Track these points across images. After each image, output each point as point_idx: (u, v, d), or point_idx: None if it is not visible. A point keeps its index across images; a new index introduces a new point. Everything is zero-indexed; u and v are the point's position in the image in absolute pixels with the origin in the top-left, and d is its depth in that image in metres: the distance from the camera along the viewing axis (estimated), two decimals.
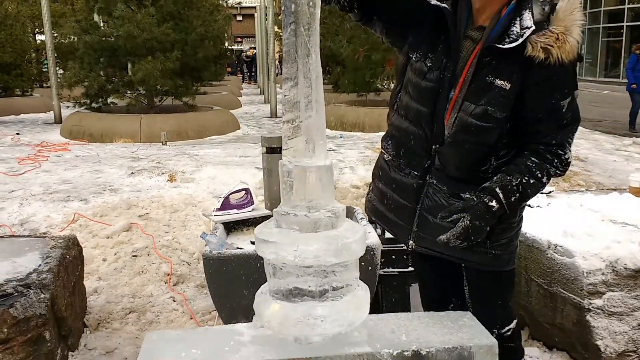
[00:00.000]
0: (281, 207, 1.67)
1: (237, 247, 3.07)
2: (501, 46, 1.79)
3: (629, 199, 3.29)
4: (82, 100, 10.38)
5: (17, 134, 9.97)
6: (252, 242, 3.13)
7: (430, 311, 2.09)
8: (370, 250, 2.84)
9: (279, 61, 22.03)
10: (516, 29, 1.79)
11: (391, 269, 3.18)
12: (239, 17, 36.87)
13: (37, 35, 17.89)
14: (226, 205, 3.38)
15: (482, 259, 1.99)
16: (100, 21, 10.76)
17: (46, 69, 15.22)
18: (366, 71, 10.81)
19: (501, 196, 1.84)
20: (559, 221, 2.90)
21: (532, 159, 1.87)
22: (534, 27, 1.76)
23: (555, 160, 1.86)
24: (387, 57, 9.86)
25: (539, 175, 1.86)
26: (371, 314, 1.83)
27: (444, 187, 1.97)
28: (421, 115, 1.95)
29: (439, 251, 2.03)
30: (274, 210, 1.68)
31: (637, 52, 10.69)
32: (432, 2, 1.88)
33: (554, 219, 2.95)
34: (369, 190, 2.29)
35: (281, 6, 1.54)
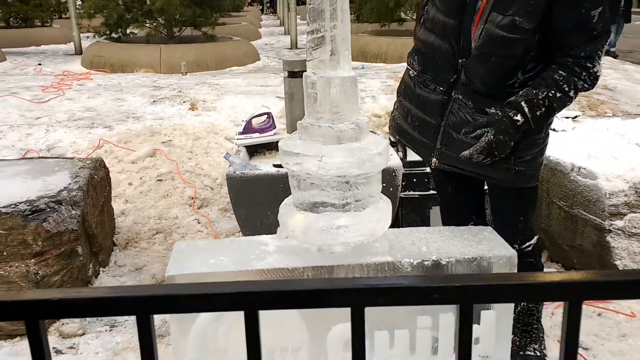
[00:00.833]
0: (305, 119, 1.68)
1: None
2: None
3: None
4: (101, 30, 10.30)
5: (39, 64, 10.00)
6: (275, 166, 3.17)
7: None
8: (391, 171, 2.86)
9: None
10: None
11: (412, 192, 3.21)
12: None
13: None
14: (248, 129, 3.40)
15: (505, 175, 1.99)
16: None
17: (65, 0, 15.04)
18: None
19: (526, 110, 1.82)
20: (583, 144, 2.87)
21: (560, 72, 1.83)
22: None
23: (583, 73, 1.82)
24: None
25: (567, 88, 1.82)
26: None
27: (469, 102, 1.95)
28: (448, 27, 1.91)
29: (462, 168, 2.03)
30: (298, 122, 1.69)
31: None
32: None
33: (579, 143, 2.93)
34: (393, 108, 2.28)
35: None
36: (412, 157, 3.08)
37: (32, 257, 2.42)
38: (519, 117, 1.83)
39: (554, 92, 1.82)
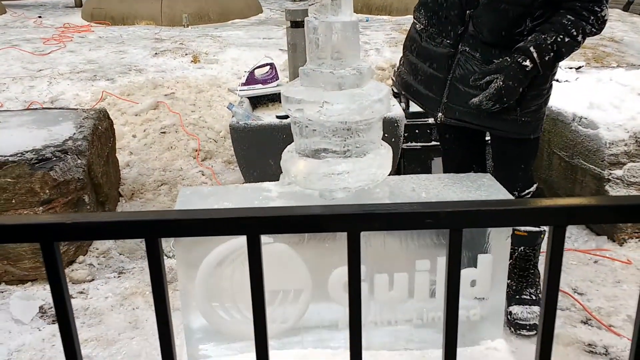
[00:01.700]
0: (307, 64, 1.69)
1: None
2: None
3: None
4: None
5: (39, 17, 9.86)
6: (278, 117, 3.18)
7: None
8: (393, 122, 2.88)
9: None
10: None
11: (414, 143, 3.23)
12: None
13: None
14: (251, 80, 3.39)
15: (512, 127, 2.01)
16: None
17: None
18: None
19: (535, 55, 1.82)
20: (586, 95, 2.87)
21: (568, 16, 1.83)
22: None
23: (591, 17, 1.82)
24: None
25: (575, 33, 1.82)
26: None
27: (476, 54, 1.95)
28: None
29: (469, 121, 2.04)
30: (300, 68, 1.70)
31: None
32: None
33: (581, 93, 2.92)
34: (399, 64, 2.28)
35: None
36: (414, 108, 3.08)
37: (40, 205, 2.47)
38: (527, 63, 1.83)
39: (562, 36, 1.82)
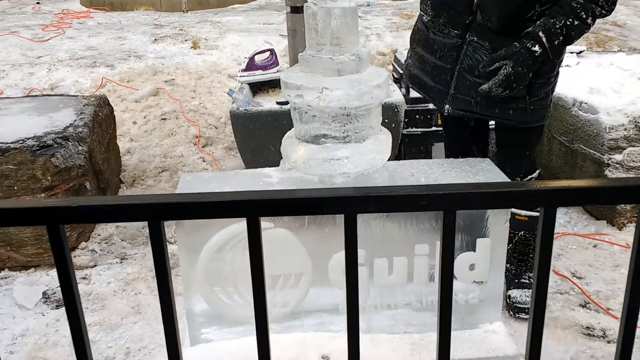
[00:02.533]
0: (306, 50, 1.69)
1: None
2: None
3: None
4: None
5: (38, 2, 9.82)
6: (278, 103, 3.18)
7: None
8: (394, 107, 2.88)
9: None
10: None
11: (414, 129, 3.24)
12: None
13: None
14: (251, 66, 3.39)
15: (521, 115, 2.00)
16: None
17: None
18: None
19: (544, 40, 1.82)
20: (586, 79, 2.87)
21: None
22: None
23: None
24: None
25: (584, 16, 1.81)
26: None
27: (485, 43, 1.94)
28: None
29: (476, 112, 2.03)
30: (300, 54, 1.70)
31: None
32: None
33: (582, 78, 2.92)
34: (407, 57, 2.27)
35: None
36: (414, 94, 3.08)
37: (42, 192, 2.48)
38: (537, 48, 1.83)
39: (571, 20, 1.81)
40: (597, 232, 2.74)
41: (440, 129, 3.21)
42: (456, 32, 1.98)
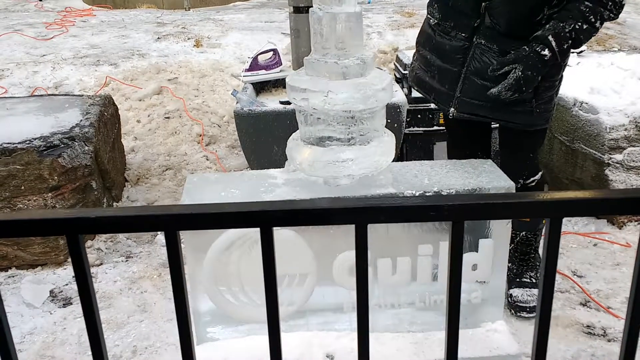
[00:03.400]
0: (312, 54, 1.71)
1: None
2: None
3: None
4: None
5: (40, 0, 9.83)
6: (281, 102, 3.21)
7: None
8: (396, 107, 2.90)
9: None
10: None
11: (416, 128, 3.26)
12: None
13: None
14: (254, 66, 3.42)
15: (526, 118, 2.02)
16: None
17: None
18: None
19: (554, 44, 1.82)
20: (587, 79, 2.89)
21: (586, 2, 1.82)
22: None
23: (609, 3, 1.81)
24: None
25: (593, 19, 1.82)
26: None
27: (493, 45, 1.95)
28: None
29: (482, 115, 2.04)
30: (305, 58, 1.73)
31: None
32: None
33: (583, 78, 2.94)
34: (412, 60, 2.28)
35: None
36: (416, 93, 3.10)
37: (49, 191, 2.51)
38: (546, 52, 1.83)
39: (580, 23, 1.82)
40: (597, 230, 2.77)
41: (442, 128, 3.23)
42: (463, 34, 1.99)
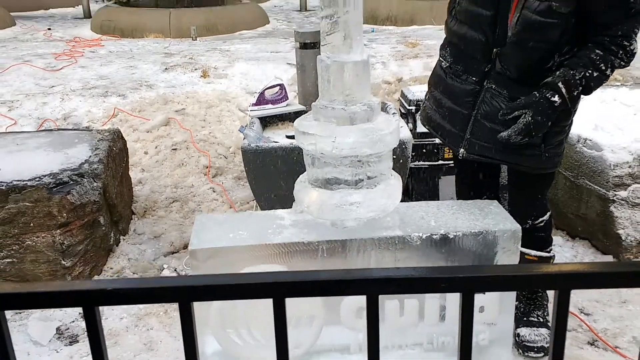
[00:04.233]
0: (319, 100, 1.75)
1: (273, 141, 3.19)
2: None
3: None
4: None
5: (49, 29, 10.00)
6: (287, 136, 3.24)
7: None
8: (401, 144, 2.93)
9: None
10: None
11: (422, 162, 3.28)
12: None
13: None
14: (261, 100, 3.46)
15: (536, 162, 2.04)
16: None
17: None
18: None
19: (564, 91, 1.85)
20: (590, 115, 2.91)
21: (597, 51, 1.84)
22: None
23: (620, 51, 1.84)
24: None
25: (603, 67, 1.84)
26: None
27: (503, 90, 1.98)
28: (482, 18, 1.93)
29: (491, 157, 2.06)
30: (313, 103, 1.76)
31: None
32: None
33: (586, 113, 2.96)
34: (424, 99, 2.32)
35: None
36: (421, 128, 3.14)
37: (58, 228, 2.53)
38: (556, 98, 1.86)
39: (591, 71, 1.84)
40: None
41: (447, 162, 3.26)
42: (474, 78, 2.02)
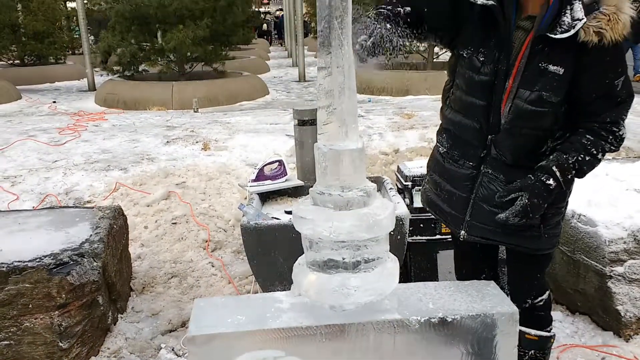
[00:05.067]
0: (316, 186, 1.80)
1: (273, 217, 3.23)
2: (553, 36, 1.83)
3: None
4: (114, 67, 10.60)
5: (54, 102, 10.28)
6: (286, 212, 3.29)
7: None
8: (399, 220, 2.97)
9: (308, 21, 22.02)
10: (567, 19, 1.82)
11: (419, 237, 3.31)
12: None
13: (67, 1, 18.14)
14: (261, 176, 3.53)
15: (535, 243, 2.08)
16: None
17: (77, 36, 15.48)
18: None
19: (558, 174, 1.91)
20: (583, 190, 2.97)
21: (588, 136, 1.91)
22: (585, 20, 1.79)
23: (610, 137, 1.90)
24: None
25: (594, 152, 1.91)
26: (400, 282, 1.98)
27: (500, 175, 2.04)
28: (476, 108, 2.01)
29: (492, 238, 2.11)
30: (310, 189, 1.81)
31: None
32: (479, 2, 1.90)
33: (579, 188, 3.02)
34: (424, 182, 2.39)
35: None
36: (418, 203, 3.19)
37: (56, 309, 2.53)
38: (551, 182, 1.91)
39: (583, 155, 1.91)
40: (604, 343, 2.75)
41: (444, 237, 3.29)
42: (471, 163, 2.08)
